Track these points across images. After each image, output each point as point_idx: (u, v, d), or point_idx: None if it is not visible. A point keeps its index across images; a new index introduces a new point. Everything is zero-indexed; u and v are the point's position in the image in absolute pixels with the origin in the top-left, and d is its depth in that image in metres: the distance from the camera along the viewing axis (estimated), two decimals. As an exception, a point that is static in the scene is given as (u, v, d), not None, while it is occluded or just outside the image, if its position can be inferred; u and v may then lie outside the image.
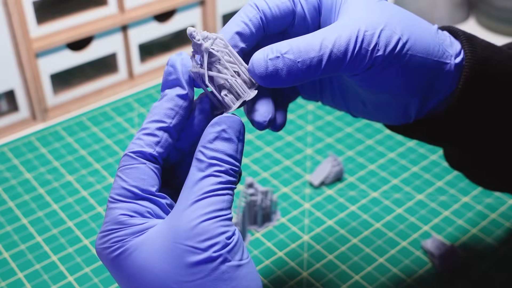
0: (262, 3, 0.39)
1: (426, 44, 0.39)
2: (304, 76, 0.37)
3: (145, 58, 0.88)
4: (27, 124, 0.79)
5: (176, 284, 0.34)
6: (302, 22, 0.41)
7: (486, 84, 0.41)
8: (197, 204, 0.34)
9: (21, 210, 0.65)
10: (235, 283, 0.34)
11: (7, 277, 0.57)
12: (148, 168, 0.37)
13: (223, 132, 0.36)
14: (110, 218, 0.36)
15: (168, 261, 0.34)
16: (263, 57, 0.37)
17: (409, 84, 0.40)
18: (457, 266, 0.58)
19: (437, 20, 1.00)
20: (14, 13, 0.71)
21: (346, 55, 0.37)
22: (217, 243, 0.34)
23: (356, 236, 0.62)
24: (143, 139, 0.37)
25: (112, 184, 0.37)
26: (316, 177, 0.67)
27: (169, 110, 0.38)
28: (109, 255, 0.36)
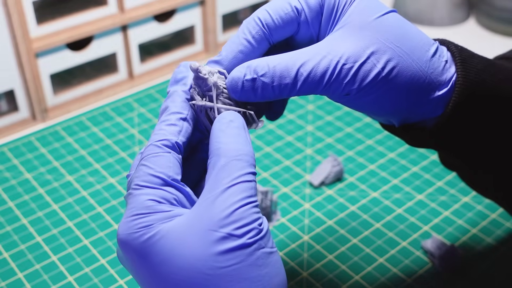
0: (265, 15, 0.40)
1: (413, 74, 0.40)
2: (277, 96, 0.39)
3: (145, 58, 0.88)
4: (27, 124, 0.79)
5: (211, 270, 0.34)
6: (306, 29, 0.41)
7: (475, 107, 0.41)
8: (228, 191, 0.35)
9: (21, 210, 0.65)
10: (268, 269, 0.35)
11: (7, 277, 0.57)
12: (173, 157, 0.38)
13: (231, 122, 0.38)
14: (136, 204, 0.36)
15: (202, 248, 0.34)
16: (240, 77, 0.39)
17: (389, 107, 0.41)
18: (457, 266, 0.58)
19: (437, 20, 1.00)
20: (14, 13, 0.71)
21: (320, 84, 0.39)
22: (252, 229, 0.34)
23: (356, 236, 0.62)
24: (166, 129, 0.39)
25: (135, 173, 0.37)
26: (316, 177, 0.67)
27: (183, 103, 0.40)
28: (136, 240, 0.35)
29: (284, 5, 0.40)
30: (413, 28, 0.41)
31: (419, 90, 0.40)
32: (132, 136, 0.75)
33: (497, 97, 0.41)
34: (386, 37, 0.39)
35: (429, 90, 0.40)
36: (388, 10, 0.40)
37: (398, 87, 0.40)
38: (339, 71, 0.38)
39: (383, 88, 0.39)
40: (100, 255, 0.60)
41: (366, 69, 0.39)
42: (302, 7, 0.40)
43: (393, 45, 0.39)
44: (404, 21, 0.41)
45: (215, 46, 0.92)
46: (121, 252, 0.37)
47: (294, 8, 0.40)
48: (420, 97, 0.41)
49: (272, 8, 0.40)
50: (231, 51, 0.40)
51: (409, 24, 0.41)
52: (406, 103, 0.41)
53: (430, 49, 0.41)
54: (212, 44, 0.91)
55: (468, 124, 0.42)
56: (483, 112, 0.41)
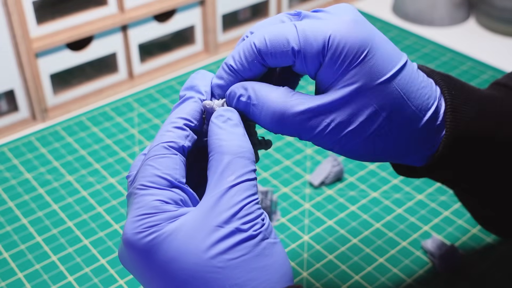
0: (261, 44, 0.39)
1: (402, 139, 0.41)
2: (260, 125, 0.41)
3: (145, 58, 0.88)
4: (27, 124, 0.79)
5: (221, 263, 0.35)
6: (301, 66, 0.40)
7: (464, 150, 0.42)
8: (234, 189, 0.36)
9: (21, 210, 0.65)
10: (274, 259, 0.36)
11: (7, 277, 0.57)
12: (179, 160, 0.38)
13: (229, 120, 0.39)
14: (143, 204, 0.36)
15: (212, 243, 0.35)
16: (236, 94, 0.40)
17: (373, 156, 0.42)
18: (457, 266, 0.58)
19: (437, 20, 1.00)
20: (14, 13, 0.71)
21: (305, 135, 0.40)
22: (256, 223, 0.36)
23: (356, 236, 0.62)
24: (174, 131, 0.39)
25: (140, 173, 0.37)
26: (316, 177, 0.67)
27: (195, 112, 0.40)
28: (142, 240, 0.35)
29: (282, 41, 0.39)
30: (416, 87, 0.40)
31: (407, 151, 0.41)
32: (132, 136, 0.75)
33: (485, 140, 0.42)
34: (384, 105, 0.39)
35: (416, 151, 0.42)
36: (397, 68, 0.39)
37: (386, 147, 0.41)
38: (329, 131, 0.39)
39: (368, 148, 0.40)
40: (100, 255, 0.60)
41: (354, 132, 0.39)
42: (300, 49, 0.39)
43: (387, 113, 0.39)
44: (410, 80, 0.40)
45: (215, 46, 0.92)
46: (124, 253, 0.37)
47: (291, 49, 0.39)
48: (406, 155, 0.42)
49: (270, 38, 0.39)
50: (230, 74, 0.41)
51: (414, 81, 0.40)
52: (392, 157, 0.42)
53: (426, 114, 0.41)
54: (212, 44, 0.91)
55: (455, 165, 0.43)
56: (470, 155, 0.42)
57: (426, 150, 0.42)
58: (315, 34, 0.38)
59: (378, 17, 1.01)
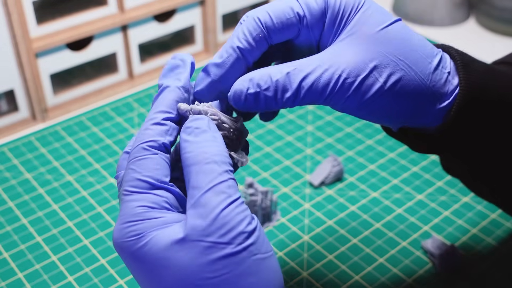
0: (265, 17, 0.39)
1: (415, 87, 0.40)
2: (278, 107, 0.40)
3: (145, 58, 0.88)
4: (27, 124, 0.79)
5: (200, 281, 0.33)
6: (306, 34, 0.41)
7: (478, 113, 0.41)
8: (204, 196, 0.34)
9: (21, 210, 0.65)
10: (260, 275, 0.34)
11: (7, 277, 0.57)
12: (161, 158, 0.37)
13: (196, 129, 0.37)
14: (126, 210, 0.36)
15: (190, 259, 0.34)
16: (243, 91, 0.39)
17: (390, 118, 0.41)
18: (457, 266, 0.58)
19: (437, 20, 1.00)
20: (14, 13, 0.71)
21: (322, 96, 0.39)
22: (239, 234, 0.33)
23: (356, 236, 0.62)
24: (152, 129, 0.38)
25: (124, 177, 0.37)
26: (316, 177, 0.67)
27: (173, 101, 0.39)
28: (129, 247, 0.35)
29: (286, 9, 0.39)
30: (417, 38, 0.41)
31: (421, 102, 0.40)
32: (132, 136, 0.75)
33: (499, 103, 0.41)
34: (389, 50, 0.39)
35: (431, 102, 0.41)
36: (393, 20, 0.40)
37: (399, 100, 0.40)
38: (341, 85, 0.39)
39: (384, 101, 0.40)
40: (100, 255, 0.60)
41: (368, 83, 0.39)
42: (304, 13, 0.39)
43: (396, 58, 0.39)
44: (408, 31, 0.41)
45: (215, 46, 0.92)
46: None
47: (296, 14, 0.39)
48: (421, 109, 0.41)
49: (273, 11, 0.39)
50: (231, 53, 0.40)
51: (413, 34, 0.41)
52: (407, 114, 0.41)
53: (433, 60, 0.41)
54: (212, 44, 0.91)
55: (470, 129, 0.42)
56: (485, 118, 0.41)
57: (440, 104, 0.41)
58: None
59: (378, 17, 1.01)
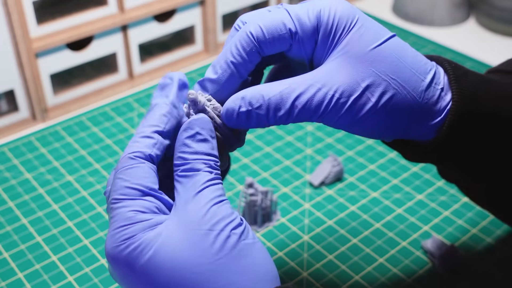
0: (258, 32, 0.39)
1: (407, 105, 0.40)
2: (270, 125, 0.40)
3: (145, 58, 0.88)
4: (27, 124, 0.79)
5: (199, 267, 0.35)
6: (298, 49, 0.40)
7: (471, 125, 0.41)
8: (199, 194, 0.36)
9: (21, 210, 0.65)
10: (253, 258, 0.36)
11: (7, 277, 0.57)
12: (148, 167, 0.38)
13: (198, 134, 0.38)
14: (118, 216, 0.36)
15: (188, 248, 0.35)
16: (235, 109, 0.39)
17: (382, 134, 0.42)
18: (457, 266, 0.58)
19: (437, 20, 1.00)
20: (14, 13, 0.71)
21: (314, 115, 0.39)
22: (229, 222, 0.36)
23: (356, 236, 0.62)
24: (140, 141, 0.39)
25: (112, 187, 0.37)
26: (316, 177, 0.67)
27: (163, 117, 0.41)
28: (122, 252, 0.36)
29: (278, 25, 0.39)
30: (410, 55, 0.41)
31: (413, 119, 0.41)
32: (132, 136, 0.75)
33: (492, 115, 0.42)
34: (382, 69, 0.39)
35: (423, 119, 0.41)
36: (387, 37, 0.40)
37: (392, 118, 0.40)
38: (334, 104, 0.39)
39: (376, 119, 0.40)
40: (100, 255, 0.60)
41: (360, 103, 0.39)
42: (296, 29, 0.39)
43: (389, 77, 0.39)
44: (402, 48, 0.40)
45: (215, 46, 0.92)
46: (110, 267, 0.37)
47: (288, 30, 0.39)
48: (414, 125, 0.41)
49: (265, 25, 0.39)
50: (225, 69, 0.40)
51: (407, 50, 0.41)
52: (399, 131, 0.42)
53: (426, 77, 0.41)
54: (212, 44, 0.91)
55: (463, 142, 0.42)
56: (478, 131, 0.42)
57: (433, 118, 0.41)
58: (307, 12, 0.40)
59: (378, 17, 1.01)
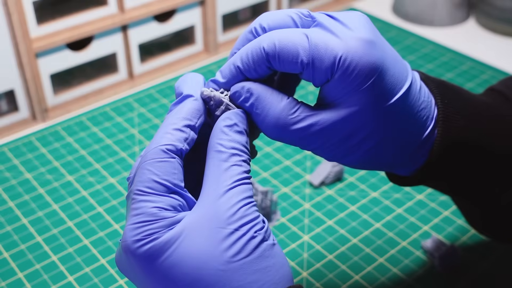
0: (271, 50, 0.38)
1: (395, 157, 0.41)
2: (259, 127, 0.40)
3: (145, 58, 0.88)
4: (27, 124, 0.79)
5: (223, 265, 0.35)
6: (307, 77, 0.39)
7: (458, 154, 0.42)
8: (231, 191, 0.36)
9: (21, 210, 0.65)
10: (275, 259, 0.36)
11: (7, 277, 0.57)
12: (177, 163, 0.37)
13: (236, 126, 0.38)
14: (141, 211, 0.36)
15: (213, 245, 0.35)
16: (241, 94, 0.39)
17: (364, 167, 0.42)
18: (457, 266, 0.58)
19: (437, 20, 1.00)
20: (14, 13, 0.71)
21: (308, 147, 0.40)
22: (255, 224, 0.36)
23: (356, 236, 0.62)
24: (173, 134, 0.38)
25: (137, 177, 0.37)
26: (316, 177, 0.67)
27: (196, 111, 0.39)
28: (142, 247, 0.35)
29: (293, 51, 0.38)
30: (417, 107, 0.40)
31: (396, 164, 0.42)
32: (132, 136, 0.75)
33: (477, 149, 0.42)
34: (384, 128, 0.39)
35: (407, 162, 0.42)
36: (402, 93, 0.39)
37: (376, 163, 0.41)
38: (327, 146, 0.40)
39: (360, 161, 0.41)
40: (100, 255, 0.60)
41: (351, 149, 0.40)
42: (309, 62, 0.38)
43: (386, 135, 0.40)
44: (411, 103, 0.40)
45: (215, 46, 0.92)
46: (123, 259, 0.37)
47: (301, 61, 0.38)
48: (398, 167, 0.42)
49: (280, 45, 0.38)
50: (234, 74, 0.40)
51: (416, 103, 0.40)
52: (381, 168, 0.43)
53: (424, 134, 0.41)
54: (212, 44, 0.91)
55: (448, 172, 0.43)
56: (463, 164, 0.43)
57: (418, 159, 0.42)
58: (327, 50, 0.37)
59: (378, 17, 1.01)
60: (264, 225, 0.36)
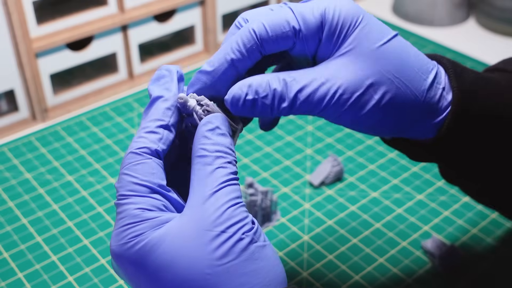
0: (261, 29, 0.39)
1: (410, 104, 0.41)
2: (273, 115, 0.40)
3: (145, 58, 0.88)
4: (27, 124, 0.79)
5: (210, 269, 0.34)
6: (301, 47, 0.40)
7: (471, 124, 0.42)
8: (217, 194, 0.36)
9: (21, 210, 0.65)
10: (264, 262, 0.36)
11: (7, 277, 0.57)
12: (155, 163, 0.37)
13: (218, 129, 0.38)
14: (124, 214, 0.36)
15: (199, 249, 0.34)
16: (241, 96, 0.39)
17: (384, 131, 0.42)
18: (457, 266, 0.58)
19: (437, 20, 1.00)
20: (14, 13, 0.71)
21: (316, 109, 0.40)
22: (243, 225, 0.35)
23: (356, 236, 0.62)
24: (145, 137, 0.38)
25: (117, 183, 0.37)
26: (316, 177, 0.67)
27: (167, 110, 0.39)
28: (129, 250, 0.35)
29: (282, 23, 0.39)
30: (413, 54, 0.41)
31: (415, 118, 0.41)
32: (132, 136, 0.75)
33: (491, 112, 0.42)
34: (386, 67, 0.40)
35: (425, 118, 0.42)
36: (391, 36, 0.40)
37: (393, 116, 0.41)
38: (337, 100, 0.39)
39: (378, 116, 0.40)
40: (100, 255, 0.60)
41: (363, 100, 0.39)
42: (300, 27, 0.39)
43: (392, 75, 0.40)
44: (405, 47, 0.41)
45: (215, 46, 0.92)
46: (114, 264, 0.37)
47: (292, 28, 0.39)
48: (415, 124, 0.42)
49: (268, 23, 0.39)
50: (222, 63, 0.40)
51: (410, 49, 0.41)
52: (400, 129, 0.42)
53: (428, 77, 0.41)
54: (212, 44, 0.91)
55: (463, 141, 0.42)
56: (478, 130, 0.42)
57: (435, 117, 0.42)
58: (311, 11, 0.40)
59: (378, 17, 1.01)
60: (253, 226, 0.36)
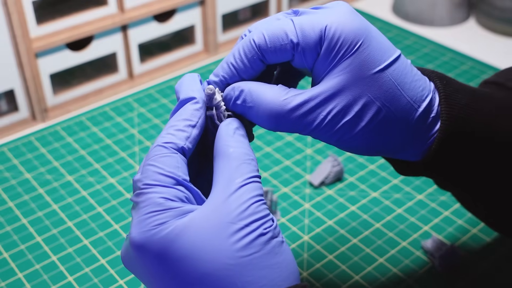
0: (260, 40, 0.40)
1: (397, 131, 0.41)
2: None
3: (145, 58, 0.88)
4: (27, 124, 0.79)
5: (233, 260, 0.35)
6: (300, 60, 0.41)
7: (459, 146, 0.42)
8: (242, 189, 0.37)
9: (21, 210, 0.65)
10: (283, 256, 0.37)
11: (7, 277, 0.57)
12: (180, 158, 0.38)
13: (238, 129, 0.40)
14: (148, 202, 0.36)
15: (223, 240, 0.35)
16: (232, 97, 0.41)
17: (368, 151, 0.42)
18: (457, 266, 0.58)
19: (437, 20, 1.00)
20: (13, 12, 0.71)
21: (304, 130, 0.40)
22: (266, 221, 0.36)
23: (356, 236, 0.62)
24: (173, 134, 0.39)
25: (139, 175, 0.38)
26: (316, 177, 0.67)
27: (195, 111, 0.40)
28: (153, 237, 0.35)
29: (281, 35, 0.40)
30: (410, 80, 0.41)
31: (402, 143, 0.42)
32: (132, 136, 0.75)
33: (481, 133, 0.42)
34: (378, 95, 0.40)
35: (412, 143, 0.42)
36: (392, 59, 0.40)
37: (379, 142, 0.41)
38: (325, 124, 0.40)
39: (364, 140, 0.41)
40: (100, 255, 0.60)
41: (351, 124, 0.40)
42: (298, 41, 0.40)
43: (382, 104, 0.40)
44: (403, 72, 0.41)
45: (215, 46, 0.92)
46: (131, 255, 0.37)
47: (290, 41, 0.40)
48: (402, 149, 0.42)
49: (268, 34, 0.40)
50: (227, 72, 0.41)
51: (407, 75, 0.41)
52: (386, 152, 0.42)
53: (421, 105, 0.41)
54: (212, 44, 0.91)
55: (450, 162, 0.43)
56: (467, 150, 0.43)
57: (423, 144, 0.42)
58: (312, 25, 0.39)
59: (378, 17, 1.01)
60: (273, 223, 0.37)
